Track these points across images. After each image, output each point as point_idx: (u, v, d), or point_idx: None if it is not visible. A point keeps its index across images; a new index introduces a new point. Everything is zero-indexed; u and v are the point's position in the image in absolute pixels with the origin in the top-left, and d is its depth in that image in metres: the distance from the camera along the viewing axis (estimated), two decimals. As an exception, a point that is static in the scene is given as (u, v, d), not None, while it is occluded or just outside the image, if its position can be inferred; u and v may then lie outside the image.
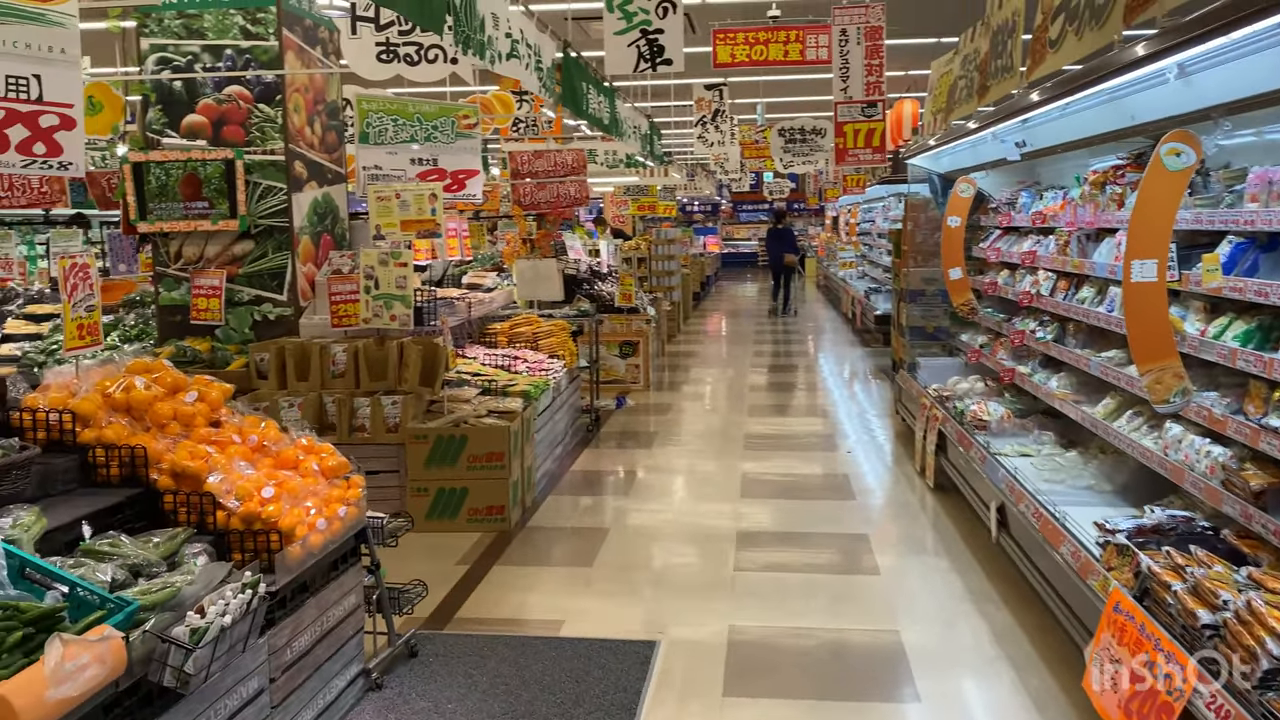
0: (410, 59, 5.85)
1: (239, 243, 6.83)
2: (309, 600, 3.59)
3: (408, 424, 6.16)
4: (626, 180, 18.33)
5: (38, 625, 2.39)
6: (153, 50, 6.74)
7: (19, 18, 3.24)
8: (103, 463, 3.44)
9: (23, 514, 2.92)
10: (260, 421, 3.90)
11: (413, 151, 7.18)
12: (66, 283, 3.60)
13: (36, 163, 3.33)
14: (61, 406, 3.45)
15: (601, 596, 5.19)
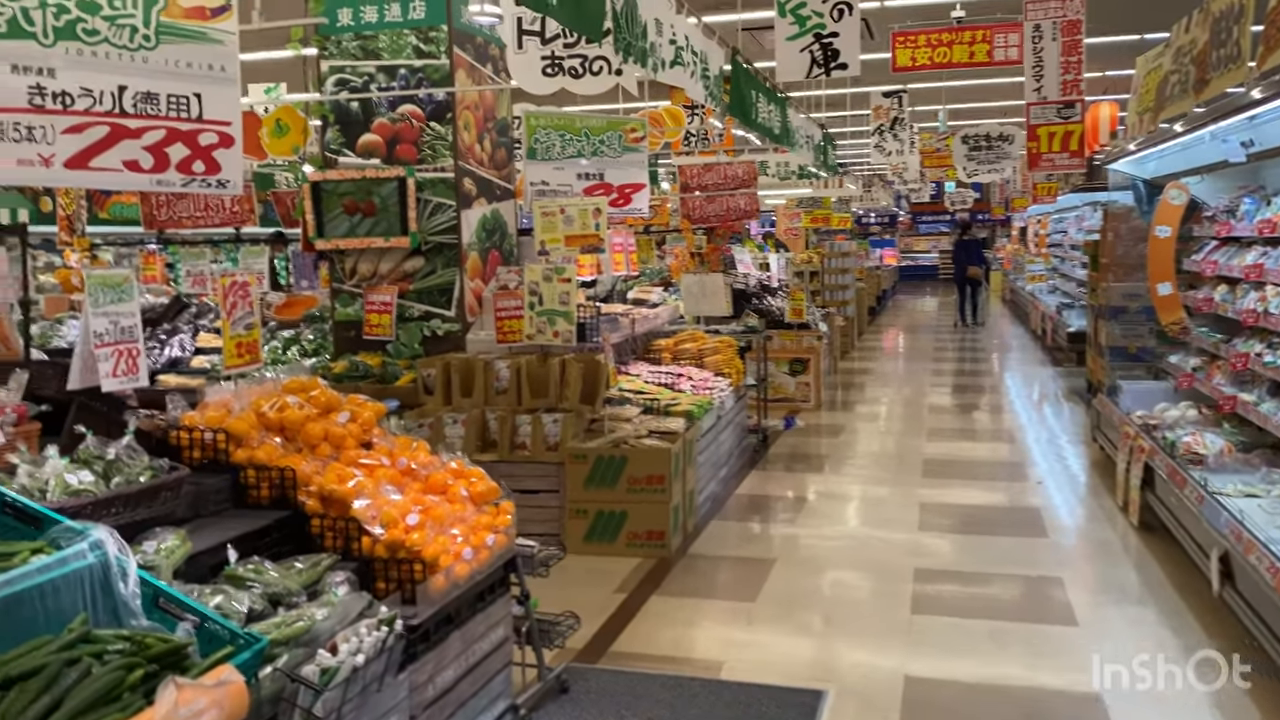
0: (575, 71, 5.74)
1: (410, 259, 6.90)
2: (453, 634, 3.44)
3: (568, 443, 6.02)
4: (799, 192, 17.89)
5: (162, 662, 2.29)
6: (332, 72, 6.91)
7: (181, 37, 3.25)
8: (253, 484, 3.39)
9: (168, 537, 2.87)
10: (411, 443, 3.80)
11: (579, 166, 7.09)
12: (226, 301, 3.60)
13: (196, 180, 3.33)
14: (217, 425, 3.43)
15: (765, 635, 4.85)
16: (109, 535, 2.50)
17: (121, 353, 3.14)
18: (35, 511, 2.54)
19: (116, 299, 3.14)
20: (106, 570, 2.48)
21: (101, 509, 2.78)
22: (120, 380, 3.14)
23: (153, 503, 2.96)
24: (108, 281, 3.10)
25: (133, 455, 3.03)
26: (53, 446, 2.87)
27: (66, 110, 3.05)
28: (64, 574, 2.38)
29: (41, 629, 2.32)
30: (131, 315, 3.18)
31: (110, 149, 3.14)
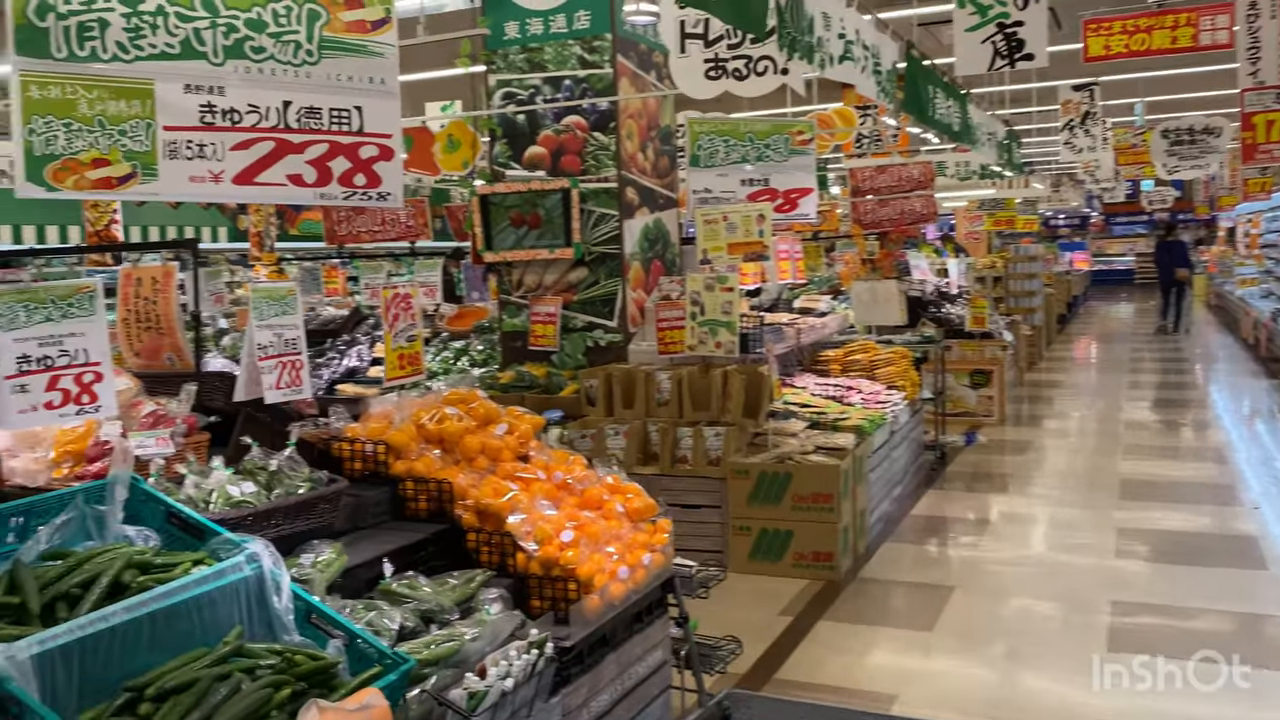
0: (739, 73, 5.56)
1: (574, 270, 6.89)
2: (609, 656, 3.31)
3: (730, 457, 5.83)
4: (981, 193, 17.07)
5: (310, 680, 2.25)
6: (499, 86, 6.99)
7: (342, 51, 3.27)
8: (411, 496, 3.38)
9: (325, 550, 2.87)
10: (568, 457, 3.71)
11: (744, 172, 6.90)
12: (388, 313, 3.61)
13: (357, 194, 3.34)
14: (378, 437, 3.43)
15: (943, 669, 4.51)
16: (265, 549, 2.50)
17: (285, 365, 3.18)
18: (197, 523, 2.58)
19: (280, 312, 3.18)
20: (261, 584, 2.48)
21: (261, 521, 2.80)
22: (283, 392, 3.18)
23: (311, 515, 2.97)
24: (272, 295, 3.15)
25: (294, 467, 3.05)
26: (218, 458, 2.92)
27: (235, 127, 3.11)
28: (220, 586, 2.39)
29: (198, 640, 2.33)
30: (295, 328, 3.22)
31: (275, 164, 3.18)
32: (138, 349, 3.31)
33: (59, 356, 2.62)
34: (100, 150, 2.91)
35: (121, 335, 3.34)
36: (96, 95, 2.90)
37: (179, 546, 2.61)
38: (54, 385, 2.62)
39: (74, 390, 2.65)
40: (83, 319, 2.65)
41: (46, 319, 2.60)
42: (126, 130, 2.94)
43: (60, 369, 2.63)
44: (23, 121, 2.82)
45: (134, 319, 3.29)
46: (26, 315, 2.57)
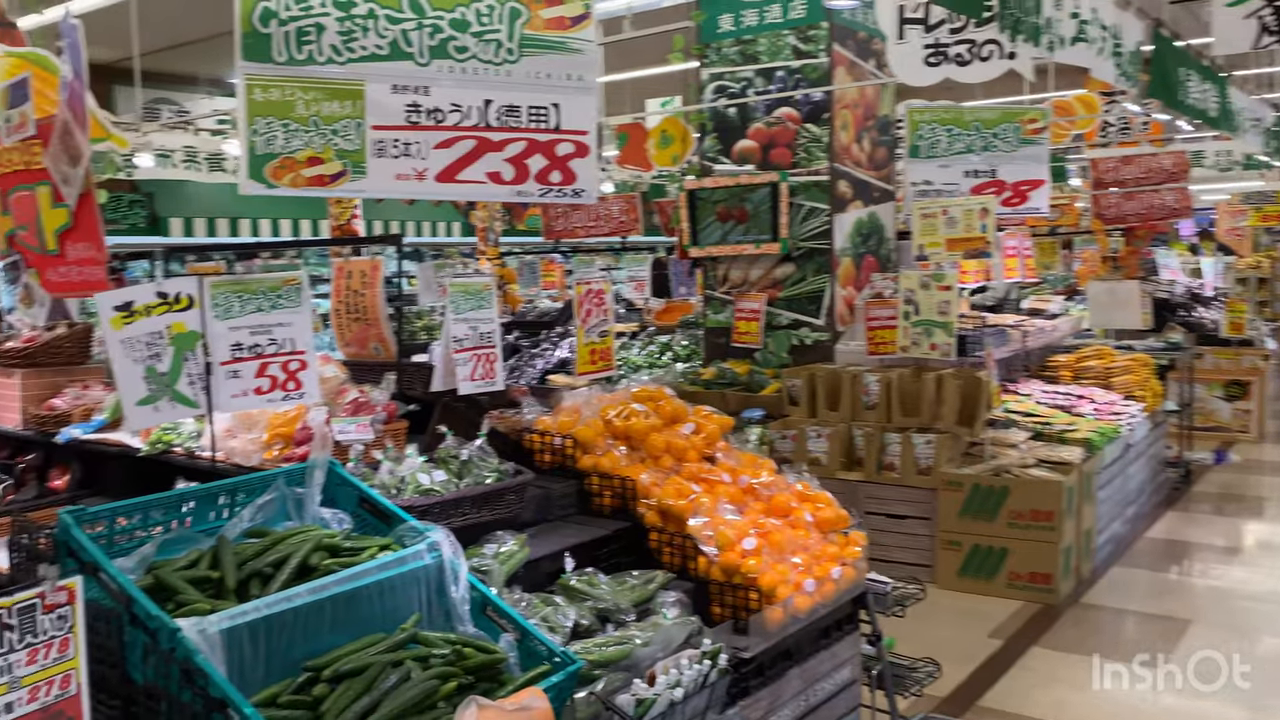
0: (960, 58, 5.23)
1: (780, 266, 6.74)
2: (791, 670, 3.17)
3: (941, 467, 5.52)
4: (1245, 186, 15.44)
5: (478, 674, 2.26)
6: (711, 80, 6.93)
7: (542, 48, 3.29)
8: (596, 492, 3.37)
9: (509, 542, 2.90)
10: (755, 460, 3.59)
11: (969, 163, 6.51)
12: (581, 308, 3.62)
13: (552, 191, 3.36)
14: (566, 431, 3.45)
15: (1172, 712, 4.07)
16: (446, 538, 2.55)
17: (479, 357, 3.24)
18: (386, 509, 2.66)
19: (476, 306, 3.25)
20: (441, 572, 2.53)
21: (449, 509, 2.86)
22: (477, 384, 3.24)
23: (497, 505, 3.01)
24: (468, 290, 3.22)
25: (484, 457, 3.11)
26: (413, 445, 3.01)
27: (438, 126, 3.19)
28: (401, 574, 2.45)
29: (377, 624, 2.39)
30: (490, 321, 3.28)
31: (475, 162, 3.25)
32: (347, 338, 3.49)
33: (268, 345, 2.78)
34: (314, 149, 3.06)
35: (334, 325, 3.53)
36: (312, 97, 3.05)
37: (369, 531, 2.71)
38: (263, 372, 2.77)
39: (281, 377, 2.80)
40: (290, 309, 2.79)
41: (258, 309, 2.75)
42: (338, 130, 3.07)
43: (269, 356, 2.78)
44: (247, 123, 3.00)
45: (344, 310, 3.47)
46: (240, 305, 2.73)
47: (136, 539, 2.45)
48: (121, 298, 2.56)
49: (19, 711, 1.64)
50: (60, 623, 1.70)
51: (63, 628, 1.70)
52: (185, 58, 11.08)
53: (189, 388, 2.69)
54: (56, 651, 1.69)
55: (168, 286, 2.62)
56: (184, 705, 2.01)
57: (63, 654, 1.70)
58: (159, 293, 2.61)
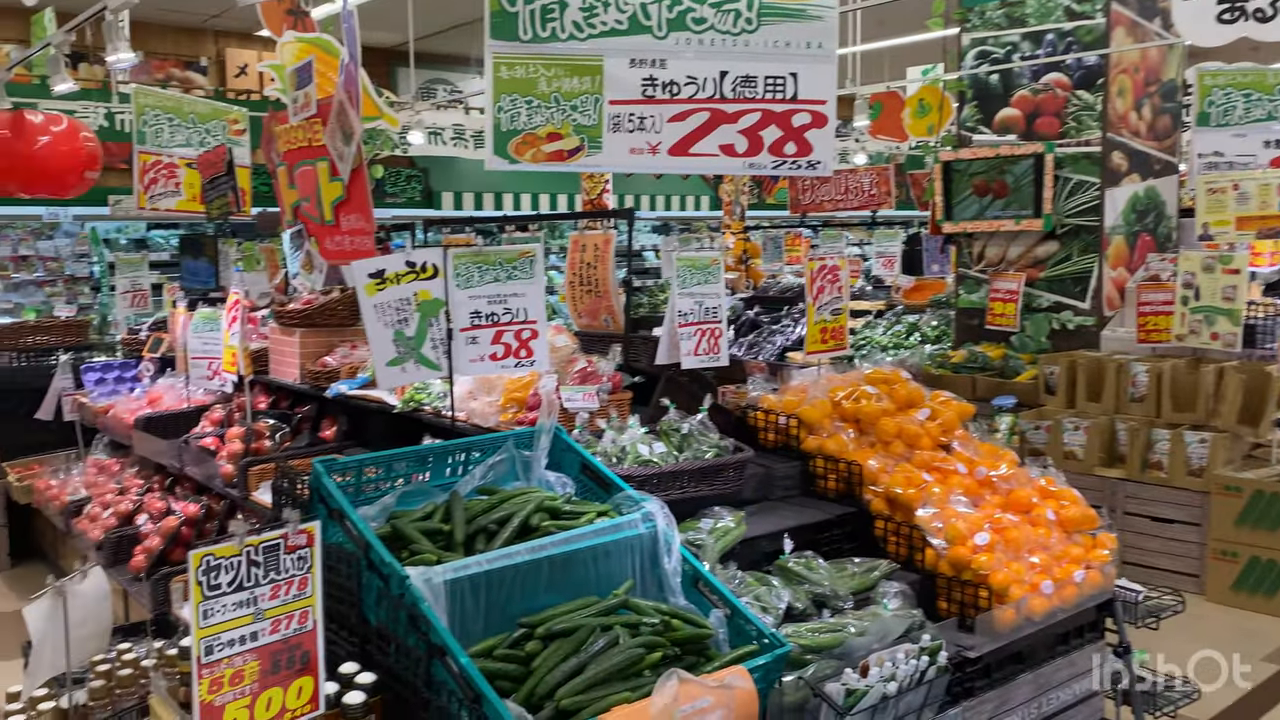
0: (1261, 14, 4.63)
1: (1042, 244, 6.29)
2: (1023, 675, 2.98)
3: (1217, 469, 4.98)
4: None
5: (684, 647, 2.27)
6: (973, 45, 6.55)
7: (780, 16, 3.22)
8: (821, 474, 3.29)
9: (726, 517, 2.89)
10: (995, 452, 3.38)
11: (1270, 132, 5.81)
12: (813, 284, 3.54)
13: (786, 163, 3.29)
14: (791, 410, 3.38)
15: None
16: (660, 509, 2.57)
17: (704, 332, 3.24)
18: (606, 477, 2.71)
19: (703, 280, 3.24)
20: (655, 543, 2.55)
21: (667, 481, 2.88)
22: (700, 359, 3.24)
23: (716, 480, 3.00)
24: (695, 264, 3.22)
25: (705, 432, 3.11)
26: (634, 417, 3.05)
27: (673, 99, 3.20)
28: (616, 540, 2.50)
29: (591, 588, 2.45)
30: (716, 296, 3.27)
31: (709, 134, 3.24)
32: (580, 309, 3.58)
33: (503, 314, 2.90)
34: (555, 125, 3.15)
35: (568, 296, 3.64)
36: (554, 73, 3.14)
37: (589, 497, 2.78)
38: (498, 339, 2.90)
39: (514, 345, 2.92)
40: (524, 281, 2.90)
41: (495, 279, 2.88)
42: (577, 105, 3.15)
43: (504, 325, 2.90)
44: (493, 100, 3.13)
45: (578, 282, 3.57)
46: (479, 276, 2.86)
47: (380, 489, 2.64)
48: (375, 266, 2.75)
49: (263, 641, 1.81)
50: (300, 563, 1.85)
51: (302, 567, 1.85)
52: (457, 39, 11.77)
53: (432, 351, 2.86)
54: (296, 589, 1.85)
55: (416, 256, 2.79)
56: (409, 649, 2.15)
57: (301, 591, 1.86)
58: (408, 262, 2.78)
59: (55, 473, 5.36)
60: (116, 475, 5.12)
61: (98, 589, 2.43)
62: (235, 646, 1.78)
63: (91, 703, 2.40)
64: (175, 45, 12.52)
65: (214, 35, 12.81)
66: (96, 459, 5.30)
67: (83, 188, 5.36)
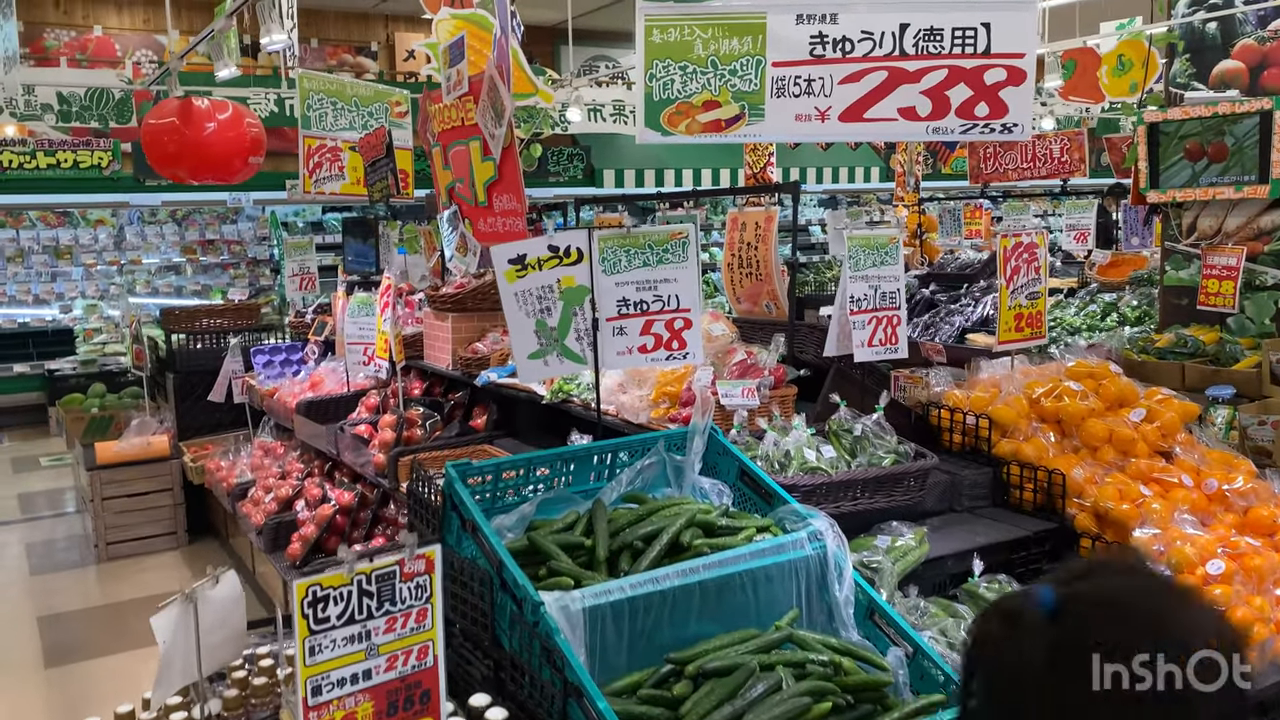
0: None
1: (1267, 213, 5.52)
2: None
3: None
4: None
5: (857, 695, 1.95)
6: (1188, -10, 5.80)
7: (972, -42, 2.79)
8: (1015, 483, 2.88)
9: (905, 535, 2.54)
10: (1228, 460, 2.88)
11: None
12: (1006, 264, 3.11)
13: (976, 126, 2.88)
14: (981, 409, 2.98)
15: None
16: (830, 527, 2.26)
17: (880, 320, 2.88)
18: (767, 486, 2.41)
19: (879, 262, 2.88)
20: (823, 566, 2.24)
21: (836, 492, 2.55)
22: (875, 351, 2.88)
23: (893, 491, 2.65)
24: (869, 243, 2.85)
25: (881, 434, 2.76)
26: (799, 416, 2.73)
27: (845, 58, 2.84)
28: (779, 562, 2.20)
29: (750, 618, 2.17)
30: (894, 280, 2.89)
31: (886, 96, 2.86)
32: (740, 294, 3.27)
33: (653, 302, 2.63)
34: (711, 92, 2.85)
35: (725, 280, 3.34)
36: (711, 35, 2.83)
37: (748, 508, 2.49)
38: (647, 329, 2.63)
39: (664, 335, 2.64)
40: (675, 265, 2.62)
41: (644, 264, 2.61)
42: (736, 70, 2.83)
43: (654, 314, 2.63)
44: (644, 68, 2.85)
45: (736, 264, 3.26)
46: (627, 260, 2.60)
47: (520, 494, 2.43)
48: (515, 251, 2.53)
49: (377, 679, 1.61)
50: (418, 592, 1.64)
51: (421, 597, 1.64)
52: (619, 14, 11.57)
53: (576, 343, 2.62)
54: (414, 621, 1.64)
55: (559, 240, 2.55)
56: (543, 684, 1.92)
57: (420, 624, 1.65)
58: (550, 246, 2.54)
59: (225, 454, 5.48)
60: (281, 458, 5.18)
61: (230, 594, 2.32)
62: (346, 686, 1.59)
63: (225, 713, 2.30)
64: (347, 31, 12.85)
65: (384, 20, 13.07)
66: (263, 441, 5.38)
67: (248, 173, 5.42)
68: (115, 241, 10.78)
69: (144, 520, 5.72)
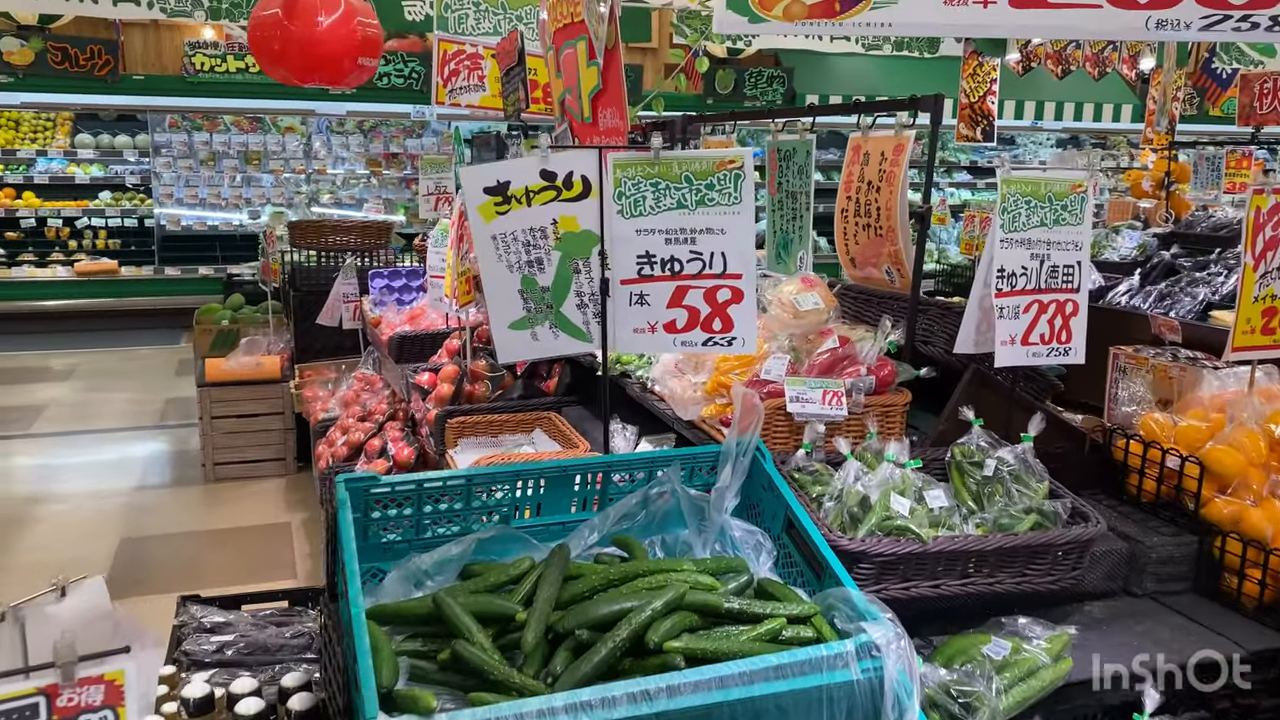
0: None
1: None
2: None
3: None
4: None
5: None
6: None
7: None
8: (1233, 566, 1.90)
9: (1037, 639, 1.67)
10: None
11: None
12: (1257, 235, 2.08)
13: (1229, 19, 1.86)
14: (1191, 448, 2.01)
15: None
16: (895, 640, 1.43)
17: (1044, 308, 1.94)
18: (816, 550, 1.60)
19: (1053, 219, 1.93)
20: (874, 701, 1.42)
21: (934, 566, 1.70)
22: (1027, 351, 1.95)
23: (1030, 569, 1.76)
24: (1034, 192, 1.90)
25: (1023, 474, 1.86)
26: (897, 443, 1.86)
27: (1025, -93, 1.88)
28: (802, 689, 1.40)
29: (745, 769, 1.39)
30: (1074, 249, 1.94)
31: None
32: (854, 252, 2.38)
33: (689, 260, 1.82)
34: (819, -41, 1.97)
35: (838, 231, 2.45)
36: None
37: (792, 577, 1.68)
38: (678, 299, 1.84)
39: (703, 310, 1.84)
40: (723, 209, 1.79)
41: (678, 205, 1.80)
42: (858, -74, 1.94)
43: (689, 277, 1.83)
44: (726, -78, 2.01)
45: (852, 209, 2.35)
46: (654, 198, 1.80)
47: (466, 525, 1.72)
48: (494, 175, 1.79)
49: None
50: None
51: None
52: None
53: (577, 312, 1.87)
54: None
55: (556, 164, 1.78)
56: None
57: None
58: (544, 172, 1.78)
59: (326, 384, 5.10)
60: (377, 393, 4.72)
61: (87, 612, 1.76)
62: None
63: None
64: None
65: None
66: (363, 374, 4.94)
67: (360, 75, 4.90)
68: (304, 150, 10.79)
69: (251, 443, 5.46)
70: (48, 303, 9.42)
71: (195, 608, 2.84)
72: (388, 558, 1.67)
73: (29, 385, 7.56)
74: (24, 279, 9.32)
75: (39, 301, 9.40)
